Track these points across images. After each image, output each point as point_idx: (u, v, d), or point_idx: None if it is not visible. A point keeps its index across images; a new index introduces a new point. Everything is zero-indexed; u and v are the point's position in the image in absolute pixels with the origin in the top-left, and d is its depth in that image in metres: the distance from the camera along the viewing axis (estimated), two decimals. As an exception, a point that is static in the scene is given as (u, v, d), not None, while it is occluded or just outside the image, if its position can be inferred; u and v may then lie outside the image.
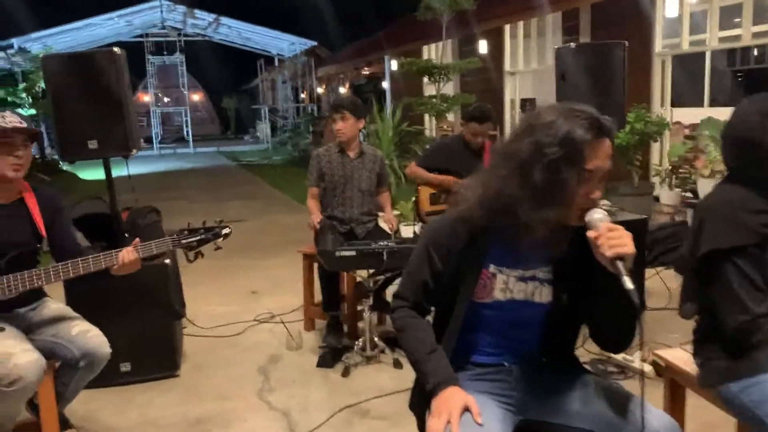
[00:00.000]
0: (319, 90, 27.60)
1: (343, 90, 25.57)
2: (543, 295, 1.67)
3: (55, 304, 2.60)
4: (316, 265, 3.84)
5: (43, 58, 3.24)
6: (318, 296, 4.06)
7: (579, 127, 1.49)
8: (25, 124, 2.36)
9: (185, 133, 25.96)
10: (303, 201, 10.55)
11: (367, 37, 22.51)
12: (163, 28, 24.19)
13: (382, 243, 3.26)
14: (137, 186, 3.53)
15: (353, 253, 3.17)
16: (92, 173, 14.06)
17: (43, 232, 2.45)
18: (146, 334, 3.33)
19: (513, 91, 13.09)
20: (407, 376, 3.35)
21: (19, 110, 15.61)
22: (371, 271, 3.42)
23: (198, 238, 2.41)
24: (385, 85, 19.51)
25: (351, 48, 24.29)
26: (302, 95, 27.40)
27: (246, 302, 4.78)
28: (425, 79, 16.10)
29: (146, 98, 26.30)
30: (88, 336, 2.45)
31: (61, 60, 3.25)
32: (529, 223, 1.52)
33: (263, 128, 28.90)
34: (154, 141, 23.98)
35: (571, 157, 1.49)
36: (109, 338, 2.52)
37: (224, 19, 23.05)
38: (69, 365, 2.44)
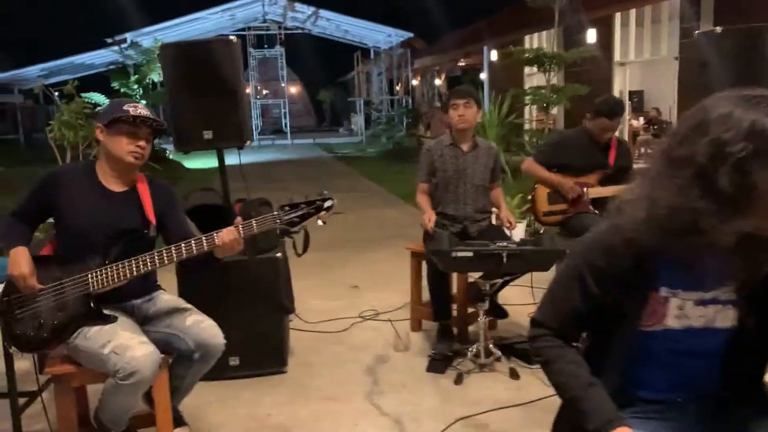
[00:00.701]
0: (414, 82, 27.44)
1: (438, 82, 25.27)
2: (726, 319, 1.41)
3: (168, 296, 2.56)
4: (425, 267, 3.66)
5: (161, 47, 3.23)
6: (425, 295, 3.89)
7: (766, 114, 1.22)
8: (153, 117, 2.35)
9: (283, 124, 26.56)
10: (400, 194, 10.55)
11: (465, 27, 22.11)
12: (264, 21, 24.78)
13: (501, 244, 3.04)
14: (238, 175, 3.48)
15: (470, 254, 2.96)
16: (197, 162, 14.57)
17: (152, 218, 2.40)
18: (255, 329, 3.27)
19: (623, 83, 12.41)
20: (525, 387, 3.13)
21: (132, 101, 16.42)
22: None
23: (300, 213, 2.23)
24: (484, 76, 19.08)
25: (448, 39, 23.93)
26: (396, 88, 27.36)
27: (349, 297, 4.68)
28: (526, 70, 15.71)
29: (246, 90, 27.06)
30: (201, 326, 2.39)
31: (178, 49, 3.22)
32: (715, 239, 1.26)
33: (358, 120, 29.12)
34: (254, 132, 24.65)
35: (764, 150, 1.22)
36: (219, 332, 2.46)
37: (323, 12, 23.33)
38: (184, 357, 2.39)
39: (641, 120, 13.41)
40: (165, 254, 2.25)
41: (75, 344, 2.21)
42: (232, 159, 3.44)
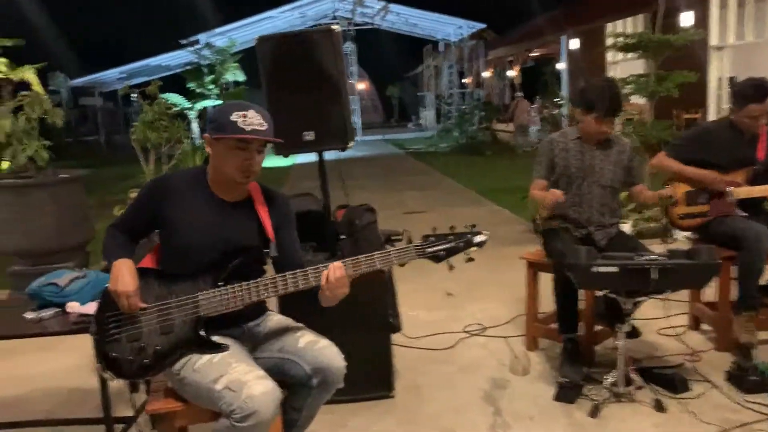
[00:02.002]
0: (486, 74, 26.76)
1: (512, 73, 24.55)
2: None
3: (277, 316, 2.27)
4: (545, 278, 3.27)
5: (257, 40, 2.94)
6: (544, 307, 3.50)
7: None
8: (266, 125, 2.03)
9: (354, 121, 26.44)
10: (480, 191, 10.11)
11: (540, 16, 21.31)
12: (334, 18, 24.67)
13: (649, 256, 2.60)
14: (309, 174, 3.13)
15: (615, 269, 2.55)
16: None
17: (271, 235, 2.12)
18: (359, 349, 2.92)
19: (720, 68, 11.53)
20: (674, 422, 2.67)
21: (208, 101, 16.58)
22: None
23: (447, 246, 2.02)
24: (561, 66, 18.32)
25: (521, 30, 23.20)
26: (466, 81, 26.79)
27: (449, 308, 4.32)
28: (609, 58, 14.90)
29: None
30: (317, 348, 2.09)
31: (276, 41, 2.93)
32: None
33: (427, 115, 28.68)
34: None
35: None
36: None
37: (393, 6, 22.99)
38: (300, 385, 2.09)
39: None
40: (279, 282, 1.99)
41: (181, 376, 1.94)
42: (305, 157, 3.08)
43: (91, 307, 2.40)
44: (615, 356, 2.83)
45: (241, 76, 16.42)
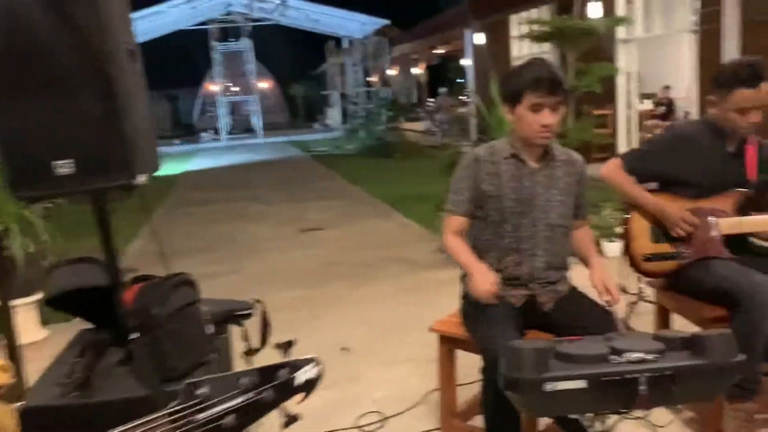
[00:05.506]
0: (392, 72, 25.90)
1: (418, 71, 23.81)
2: None
3: None
4: (463, 357, 2.23)
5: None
6: (461, 396, 2.46)
7: None
8: None
9: (254, 122, 24.94)
10: (388, 200, 9.07)
11: (444, 12, 20.66)
12: (229, 13, 23.09)
13: (634, 356, 1.58)
14: (201, 183, 1.96)
15: (583, 384, 1.51)
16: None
17: None
18: None
19: (629, 63, 11.03)
20: None
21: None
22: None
23: (240, 400, 1.03)
24: (466, 62, 17.64)
25: (426, 25, 22.47)
26: (371, 79, 25.85)
27: (341, 376, 3.19)
28: (514, 52, 14.32)
29: (214, 87, 25.40)
30: None
31: None
32: None
33: (333, 115, 27.57)
34: (222, 132, 23.06)
35: None
36: None
37: (291, 1, 21.71)
38: None
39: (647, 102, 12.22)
40: None
41: None
42: (197, 163, 1.89)
43: None
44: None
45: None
